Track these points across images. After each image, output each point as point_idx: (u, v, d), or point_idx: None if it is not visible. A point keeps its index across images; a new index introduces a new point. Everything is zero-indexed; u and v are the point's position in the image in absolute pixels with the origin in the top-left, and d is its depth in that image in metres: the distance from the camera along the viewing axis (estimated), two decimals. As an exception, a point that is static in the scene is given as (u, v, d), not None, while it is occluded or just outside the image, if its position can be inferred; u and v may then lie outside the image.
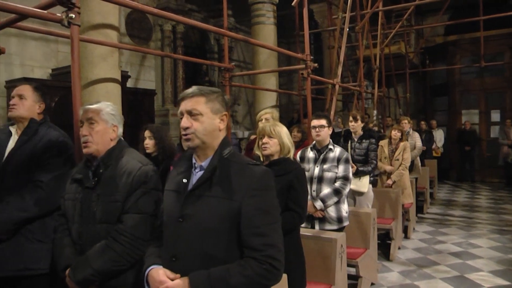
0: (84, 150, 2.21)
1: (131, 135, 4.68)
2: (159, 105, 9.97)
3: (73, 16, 2.54)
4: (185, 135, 1.75)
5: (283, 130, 2.98)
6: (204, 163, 1.78)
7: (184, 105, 1.77)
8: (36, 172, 2.53)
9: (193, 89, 1.80)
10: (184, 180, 1.80)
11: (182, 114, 1.78)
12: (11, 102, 2.67)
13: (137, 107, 8.16)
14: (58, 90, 6.62)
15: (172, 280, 1.66)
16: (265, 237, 1.65)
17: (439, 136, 11.47)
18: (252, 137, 5.81)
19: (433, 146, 10.82)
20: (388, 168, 6.30)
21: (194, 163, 1.82)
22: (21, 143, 2.59)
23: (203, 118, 1.75)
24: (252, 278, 1.60)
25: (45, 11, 2.61)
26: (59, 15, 2.57)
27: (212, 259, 1.66)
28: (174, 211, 1.77)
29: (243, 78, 11.49)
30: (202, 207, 1.70)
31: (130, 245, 2.06)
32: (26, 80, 6.06)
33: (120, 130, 2.33)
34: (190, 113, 1.75)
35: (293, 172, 2.86)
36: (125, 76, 7.35)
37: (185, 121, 1.75)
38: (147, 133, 3.70)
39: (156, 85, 10.10)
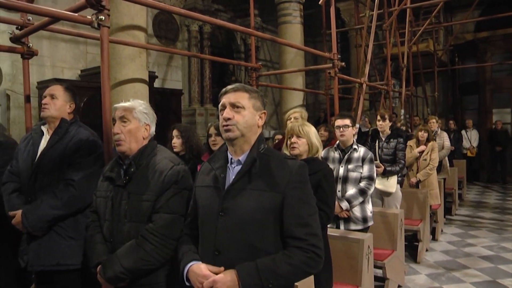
0: (117, 149, 2.23)
1: (158, 135, 4.73)
2: (186, 104, 10.07)
3: (103, 18, 2.61)
4: (226, 125, 1.78)
5: (311, 130, 2.98)
6: (242, 158, 1.81)
7: (228, 98, 1.82)
8: (67, 171, 2.60)
9: (236, 84, 1.86)
10: (222, 175, 1.82)
11: (224, 106, 1.82)
12: (43, 102, 2.74)
13: (164, 107, 8.22)
14: (87, 91, 6.76)
15: (217, 273, 1.68)
16: (308, 227, 1.72)
17: (474, 136, 11.25)
18: (277, 137, 5.80)
19: (468, 146, 10.64)
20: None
21: (231, 158, 1.85)
22: (52, 143, 2.67)
23: (245, 112, 1.80)
24: (298, 266, 1.66)
25: (76, 14, 2.68)
26: (90, 17, 2.64)
27: (256, 251, 1.70)
28: (213, 206, 1.79)
29: (270, 77, 11.49)
30: (243, 200, 1.73)
31: (160, 245, 2.07)
32: (56, 81, 6.22)
33: (153, 128, 2.34)
34: (233, 106, 1.79)
35: (321, 172, 2.86)
36: (152, 77, 7.45)
37: (228, 112, 1.79)
38: (174, 132, 3.75)
39: (183, 85, 10.21)
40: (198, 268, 1.74)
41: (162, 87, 9.27)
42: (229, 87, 1.86)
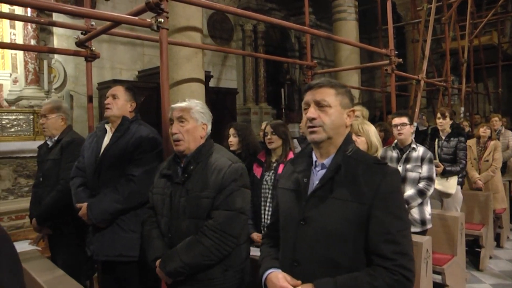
0: (175, 148, 2.28)
1: (214, 133, 4.83)
2: (241, 103, 10.20)
3: (162, 20, 2.71)
4: (312, 127, 1.63)
5: (371, 128, 2.92)
6: (326, 161, 1.67)
7: (312, 95, 1.66)
8: (128, 167, 2.72)
9: (322, 79, 1.71)
10: (305, 180, 1.69)
11: (307, 104, 1.67)
12: (105, 102, 2.88)
13: (220, 106, 8.34)
14: (144, 91, 7.00)
15: (294, 286, 1.59)
16: (397, 245, 1.51)
17: None
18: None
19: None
20: (474, 176, 5.83)
21: (315, 161, 1.71)
22: (114, 140, 2.81)
23: (331, 111, 1.63)
24: None
25: (137, 17, 2.79)
26: (149, 20, 2.74)
27: (337, 266, 1.55)
28: (294, 212, 1.67)
29: (324, 75, 11.39)
30: (326, 210, 1.58)
31: (220, 241, 2.11)
32: (115, 82, 6.50)
33: (209, 127, 2.37)
34: (318, 104, 1.64)
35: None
36: (207, 76, 7.61)
37: (312, 112, 1.63)
38: (231, 131, 3.80)
39: (237, 84, 10.35)
40: (276, 278, 1.64)
41: (217, 86, 9.45)
42: (313, 82, 1.71)
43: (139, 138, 2.77)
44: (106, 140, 2.87)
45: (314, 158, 1.71)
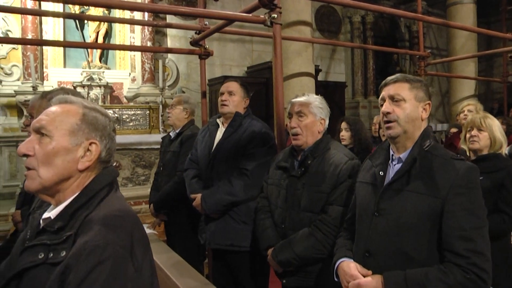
0: (293, 142, 2.31)
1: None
2: (349, 97, 10.03)
3: (275, 16, 2.74)
4: (387, 122, 1.68)
5: (494, 123, 2.69)
6: (403, 155, 1.69)
7: (387, 91, 1.71)
8: (241, 161, 2.79)
9: (397, 75, 1.75)
10: (381, 173, 1.73)
11: (383, 100, 1.72)
12: (222, 98, 2.96)
13: (328, 100, 8.19)
14: (252, 86, 7.17)
15: (364, 276, 1.62)
16: (471, 242, 1.48)
17: None
18: (452, 130, 5.37)
19: None
20: None
21: (392, 155, 1.74)
22: (227, 134, 2.89)
23: (405, 105, 1.67)
24: (453, 287, 1.45)
25: (250, 15, 2.85)
26: (262, 16, 2.79)
27: (408, 259, 1.56)
28: (369, 204, 1.72)
29: (436, 66, 10.72)
30: (400, 203, 1.61)
31: (332, 236, 2.11)
32: (225, 78, 6.74)
33: (327, 123, 2.37)
34: (392, 99, 1.68)
35: (506, 170, 2.56)
36: (316, 70, 7.57)
37: (387, 106, 1.68)
38: (343, 125, 3.75)
39: (346, 78, 10.18)
40: (348, 267, 1.69)
41: (326, 80, 9.38)
42: (389, 78, 1.75)
43: (252, 133, 2.82)
44: (219, 135, 2.97)
45: (391, 152, 1.74)
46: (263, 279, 2.91)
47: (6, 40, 7.04)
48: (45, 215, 1.21)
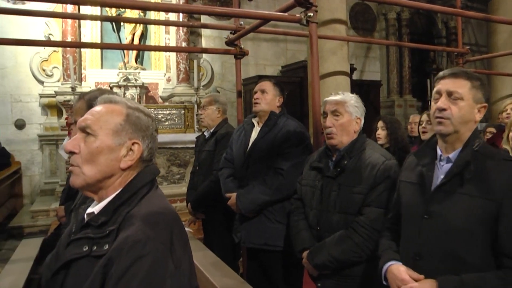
0: (328, 142, 2.27)
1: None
2: (384, 96, 9.87)
3: (311, 14, 2.72)
4: (440, 117, 1.60)
5: None
6: (452, 155, 1.62)
7: (445, 84, 1.62)
8: (276, 160, 2.80)
9: (455, 69, 1.68)
10: (429, 173, 1.66)
11: (439, 93, 1.63)
12: (255, 97, 2.98)
13: (363, 99, 8.09)
14: (287, 85, 7.14)
15: (416, 280, 1.57)
16: None
17: None
18: (489, 129, 5.20)
19: None
20: None
21: (440, 155, 1.67)
22: (263, 134, 2.90)
23: (462, 104, 1.59)
24: None
25: (286, 14, 2.84)
26: (298, 15, 2.77)
27: (462, 263, 1.51)
28: (417, 206, 1.66)
29: (475, 63, 10.41)
30: (452, 205, 1.55)
31: (370, 238, 2.06)
32: (259, 78, 6.76)
33: (362, 122, 2.32)
34: (450, 95, 1.60)
35: None
36: (351, 69, 7.50)
37: (444, 102, 1.60)
38: (379, 124, 3.69)
39: (381, 76, 10.03)
40: (398, 271, 1.64)
41: (361, 79, 9.29)
42: (447, 71, 1.66)
43: (287, 132, 2.82)
44: (254, 134, 2.98)
45: (439, 152, 1.67)
46: (297, 279, 2.88)
47: (47, 43, 7.29)
48: (89, 210, 1.26)
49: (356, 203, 2.13)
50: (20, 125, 7.62)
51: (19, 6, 6.87)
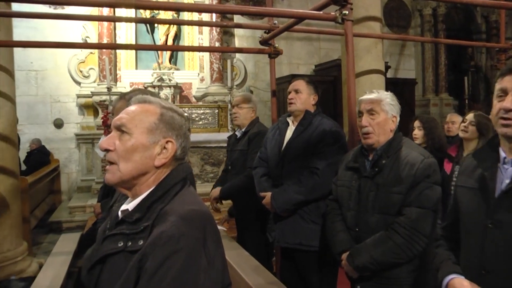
0: (364, 141, 2.23)
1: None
2: (419, 94, 9.67)
3: (347, 12, 2.69)
4: (507, 119, 1.44)
5: None
6: None
7: (510, 82, 1.46)
8: (311, 159, 2.77)
9: None
10: (492, 177, 1.51)
11: (504, 91, 1.46)
12: (289, 97, 2.97)
13: (397, 98, 7.98)
14: (320, 84, 7.10)
15: None
16: None
17: None
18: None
19: None
20: None
21: (504, 158, 1.51)
22: (298, 133, 2.89)
23: None
24: None
25: (320, 12, 2.82)
26: (333, 13, 2.75)
27: None
28: (479, 213, 1.52)
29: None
30: None
31: (411, 239, 2.01)
32: (293, 77, 6.74)
33: (398, 120, 2.27)
34: None
35: None
36: (385, 67, 7.39)
37: (511, 102, 1.43)
38: (416, 123, 3.62)
39: (416, 74, 9.83)
40: (461, 285, 1.51)
41: (395, 77, 9.14)
42: None
43: (322, 131, 2.79)
44: (289, 133, 2.96)
45: (502, 154, 1.51)
46: (331, 280, 2.87)
47: (85, 45, 7.51)
48: (123, 207, 1.29)
49: (395, 203, 2.09)
50: (58, 124, 7.90)
51: (59, 11, 7.10)
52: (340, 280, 2.78)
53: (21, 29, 6.93)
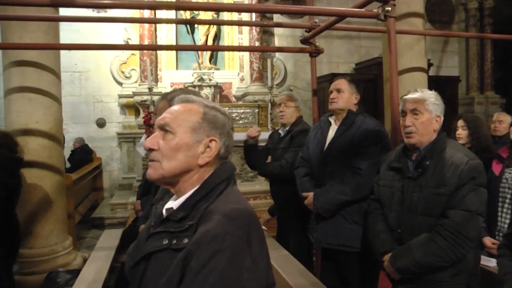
0: (407, 141, 2.19)
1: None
2: (463, 93, 9.36)
3: (389, 9, 2.64)
4: None
5: None
6: None
7: None
8: (354, 159, 2.74)
9: None
10: None
11: None
12: (331, 96, 2.94)
13: (440, 96, 7.79)
14: (361, 83, 7.01)
15: None
16: None
17: None
18: None
19: None
20: None
21: None
22: (340, 132, 2.86)
23: None
24: None
25: (363, 9, 2.78)
26: (375, 10, 2.70)
27: None
28: None
29: None
30: None
31: (455, 242, 1.97)
32: (333, 76, 6.67)
33: (442, 120, 2.21)
34: None
35: None
36: (428, 64, 7.21)
37: None
38: (460, 123, 3.50)
39: (459, 71, 9.52)
40: None
41: (437, 75, 8.90)
42: None
43: (365, 131, 2.76)
44: (331, 133, 2.94)
45: None
46: (372, 282, 2.84)
47: (126, 47, 7.70)
48: (168, 205, 1.30)
49: (439, 205, 2.04)
50: (101, 123, 8.15)
51: (102, 14, 7.30)
52: (381, 281, 2.73)
53: (65, 33, 7.13)
